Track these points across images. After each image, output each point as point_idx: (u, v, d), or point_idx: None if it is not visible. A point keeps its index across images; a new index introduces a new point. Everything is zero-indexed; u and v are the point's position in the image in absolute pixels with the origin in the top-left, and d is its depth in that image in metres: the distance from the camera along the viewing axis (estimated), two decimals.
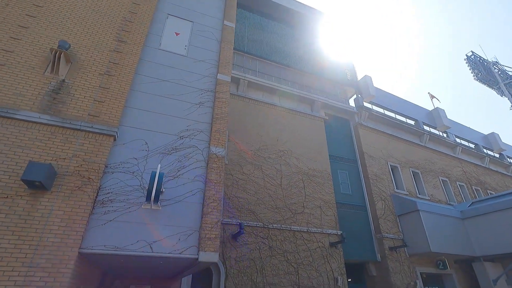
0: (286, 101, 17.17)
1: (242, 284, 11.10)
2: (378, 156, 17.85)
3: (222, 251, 11.40)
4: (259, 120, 15.53)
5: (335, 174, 16.06)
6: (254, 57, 17.50)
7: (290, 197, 13.87)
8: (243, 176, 13.39)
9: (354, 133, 18.46)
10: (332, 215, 14.34)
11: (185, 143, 6.13)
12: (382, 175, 17.12)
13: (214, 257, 5.05)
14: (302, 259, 12.54)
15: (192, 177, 5.77)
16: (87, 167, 5.00)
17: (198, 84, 7.04)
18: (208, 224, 5.29)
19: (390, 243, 14.77)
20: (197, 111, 6.61)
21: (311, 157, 15.66)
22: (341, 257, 13.39)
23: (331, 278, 12.66)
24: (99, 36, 6.48)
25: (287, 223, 13.09)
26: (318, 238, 13.37)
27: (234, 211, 12.42)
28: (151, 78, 6.63)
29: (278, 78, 17.79)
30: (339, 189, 15.66)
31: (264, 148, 14.72)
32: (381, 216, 15.40)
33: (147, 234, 4.98)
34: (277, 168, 14.38)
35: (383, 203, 15.98)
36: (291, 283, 11.84)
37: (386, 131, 19.54)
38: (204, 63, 7.46)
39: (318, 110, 17.64)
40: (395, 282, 13.67)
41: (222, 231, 11.79)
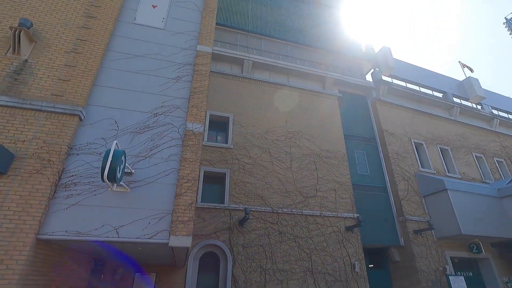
0: (295, 80, 16.18)
1: (251, 270, 10.68)
2: (399, 133, 16.38)
3: (229, 238, 11.02)
4: (266, 101, 14.76)
5: (351, 154, 14.97)
6: (259, 36, 16.59)
7: (301, 180, 13.10)
8: (249, 160, 12.81)
9: (372, 110, 17.08)
10: (348, 198, 13.39)
11: (159, 120, 5.63)
12: (405, 154, 15.70)
13: (187, 242, 4.56)
14: (315, 244, 11.84)
15: (167, 157, 5.29)
16: (48, 149, 4.68)
17: (176, 57, 6.47)
18: (181, 206, 4.80)
19: (414, 226, 13.57)
20: (174, 86, 6.07)
21: (324, 137, 14.67)
22: (359, 242, 12.50)
23: (347, 264, 11.86)
24: (66, 13, 6.10)
25: (298, 208, 12.39)
26: (332, 222, 12.55)
27: (241, 196, 11.93)
28: (124, 54, 6.18)
29: (286, 57, 16.76)
30: (355, 170, 14.59)
31: (272, 131, 13.98)
32: (403, 198, 14.16)
33: (113, 218, 4.59)
34: (286, 151, 13.62)
35: (405, 183, 14.68)
36: (303, 269, 11.23)
37: (409, 105, 17.88)
38: (184, 35, 6.87)
39: (331, 87, 16.45)
40: (420, 267, 12.56)
41: (229, 218, 11.38)
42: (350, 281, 11.57)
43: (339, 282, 11.41)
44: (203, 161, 12.22)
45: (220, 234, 11.01)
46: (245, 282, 10.46)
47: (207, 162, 12.26)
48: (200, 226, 10.94)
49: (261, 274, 10.73)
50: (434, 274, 12.68)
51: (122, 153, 4.28)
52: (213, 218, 11.19)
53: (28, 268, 3.99)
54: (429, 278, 12.45)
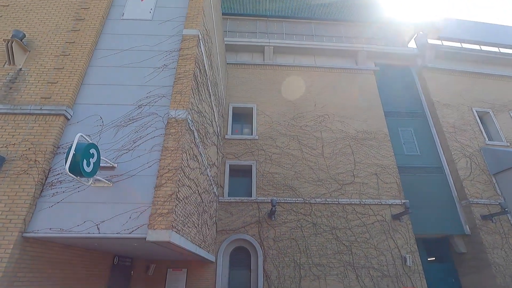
0: (323, 60, 14.89)
1: (284, 265, 10.04)
2: (456, 103, 13.86)
3: (258, 231, 10.55)
4: (292, 87, 13.84)
5: (394, 133, 13.16)
6: (279, 19, 15.70)
7: (336, 166, 11.93)
8: (276, 149, 12.13)
9: (418, 80, 14.81)
10: (394, 182, 11.75)
11: (144, 111, 5.42)
12: (464, 126, 13.21)
13: (165, 236, 4.20)
14: (355, 236, 10.64)
15: (150, 148, 5.03)
16: (35, 150, 4.81)
17: (163, 46, 6.22)
18: (160, 198, 4.47)
19: (483, 211, 11.27)
20: (160, 75, 5.81)
21: (360, 117, 13.17)
22: (409, 232, 10.85)
23: (397, 257, 10.38)
24: (57, 19, 6.33)
25: (333, 196, 11.29)
26: (375, 211, 11.14)
27: (269, 188, 11.35)
28: (112, 51, 6.15)
29: (311, 36, 15.55)
30: (401, 151, 12.77)
31: (300, 116, 13.04)
32: (465, 178, 11.88)
33: (95, 214, 4.49)
34: (317, 136, 12.56)
35: (467, 160, 12.32)
36: (343, 263, 10.16)
37: (467, 69, 15.04)
38: (171, 22, 6.59)
39: (365, 61, 14.72)
40: (494, 260, 10.35)
41: (258, 211, 10.90)
42: (402, 276, 10.10)
43: (387, 278, 10.04)
44: (228, 155, 11.95)
45: (249, 228, 10.60)
46: (278, 277, 9.86)
47: (232, 155, 11.96)
48: (228, 221, 10.69)
49: (295, 269, 10.01)
50: None
51: (90, 146, 4.10)
52: (240, 212, 10.83)
53: (14, 265, 4.09)
54: (507, 273, 10.18)
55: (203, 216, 7.35)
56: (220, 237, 10.42)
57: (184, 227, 5.14)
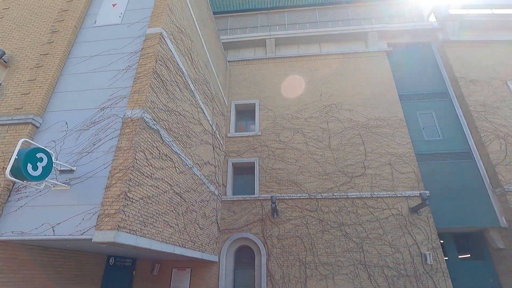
0: (329, 47, 14.06)
1: (288, 265, 9.61)
2: (484, 77, 12.13)
3: (261, 230, 10.23)
4: (296, 78, 13.27)
5: (412, 117, 11.92)
6: (280, 9, 15.17)
7: (344, 158, 11.14)
8: (280, 144, 11.69)
9: (439, 56, 13.25)
10: (412, 172, 10.63)
11: (105, 114, 5.48)
12: (496, 103, 11.49)
13: (109, 236, 4.14)
14: (367, 232, 9.81)
15: (107, 149, 5.05)
16: (4, 158, 5.10)
17: (129, 47, 6.25)
18: (109, 199, 4.44)
19: None
20: (123, 76, 5.84)
21: (372, 103, 12.16)
22: (431, 226, 9.71)
23: (415, 255, 9.35)
24: (35, 35, 6.70)
25: (341, 190, 10.55)
26: (390, 204, 10.17)
27: (272, 184, 10.97)
28: (82, 58, 6.35)
29: (315, 23, 14.77)
30: (420, 137, 11.51)
31: (304, 108, 12.43)
32: (499, 162, 10.31)
33: (53, 217, 4.62)
34: (323, 127, 11.85)
35: (501, 142, 10.68)
36: (353, 262, 9.42)
37: (500, 38, 13.10)
38: (139, 24, 6.61)
39: (375, 43, 13.58)
40: None
41: (261, 209, 10.59)
42: (422, 276, 9.06)
43: (404, 278, 9.08)
44: (231, 153, 11.80)
45: (252, 227, 10.34)
46: (282, 277, 9.46)
47: (234, 153, 11.79)
48: (231, 219, 10.53)
49: (301, 268, 9.52)
50: None
51: (36, 150, 4.22)
52: (243, 211, 10.61)
53: None
54: None
55: (189, 216, 7.27)
56: (223, 236, 10.30)
57: (145, 227, 5.07)
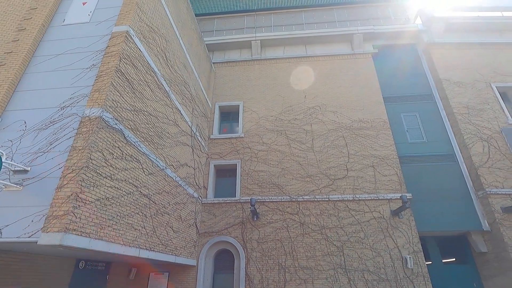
0: (315, 48, 14.00)
1: (267, 268, 9.42)
2: (469, 79, 12.08)
3: (241, 233, 10.06)
4: (281, 80, 13.19)
5: (396, 119, 11.83)
6: (267, 11, 15.15)
7: (327, 160, 11.01)
8: (263, 146, 11.56)
9: (424, 58, 13.22)
10: (394, 174, 10.51)
11: (65, 113, 5.34)
12: (481, 105, 11.42)
13: (55, 239, 3.98)
14: (348, 235, 9.65)
15: (64, 149, 4.91)
16: None
17: (96, 46, 6.14)
18: (59, 200, 4.29)
19: (504, 202, 9.56)
20: (87, 75, 5.72)
21: (356, 106, 12.08)
22: (413, 229, 9.57)
23: (396, 258, 9.19)
24: (2, 33, 6.58)
25: (323, 193, 10.41)
26: (371, 207, 10.03)
27: (254, 187, 10.82)
28: (47, 57, 6.24)
29: (301, 25, 14.73)
30: (404, 139, 11.41)
31: (288, 110, 12.33)
32: (482, 165, 10.21)
33: (2, 219, 4.45)
34: (307, 129, 11.74)
35: (484, 144, 10.59)
36: (333, 266, 9.25)
37: (485, 40, 13.08)
38: (108, 22, 6.51)
39: (361, 45, 13.53)
40: None
41: (241, 211, 10.42)
42: (402, 280, 8.90)
43: (385, 282, 8.91)
44: (213, 155, 11.66)
45: (232, 230, 10.16)
46: (261, 281, 9.27)
47: (217, 155, 11.65)
48: (211, 222, 10.36)
49: (280, 272, 9.33)
50: None
51: None
52: (224, 213, 10.45)
53: None
54: None
55: (160, 218, 7.11)
56: (202, 240, 10.12)
57: (102, 229, 4.91)
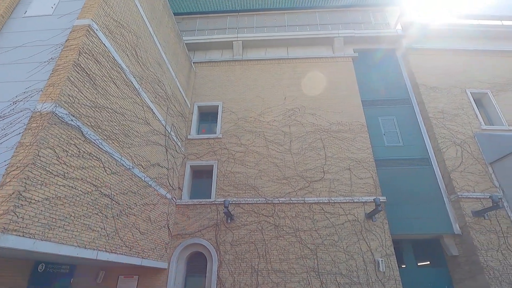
0: (296, 51, 14.01)
1: (240, 272, 9.26)
2: (446, 85, 12.29)
3: (215, 235, 9.87)
4: (261, 81, 13.12)
5: (374, 123, 11.90)
6: (249, 13, 15.10)
7: (304, 162, 10.97)
8: (241, 148, 11.43)
9: (403, 63, 13.39)
10: (370, 177, 10.54)
11: (17, 108, 5.10)
12: (456, 110, 11.62)
13: None
14: (323, 238, 9.59)
15: (12, 145, 4.67)
16: None
17: (56, 39, 5.92)
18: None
19: (475, 206, 9.69)
20: (44, 69, 5.49)
21: (335, 108, 12.10)
22: (386, 232, 9.59)
23: (369, 262, 9.17)
24: None
25: (299, 195, 10.34)
26: (346, 210, 10.01)
27: (230, 188, 10.66)
28: (5, 49, 5.98)
29: (283, 27, 14.73)
30: (381, 142, 11.48)
31: (268, 111, 12.26)
32: (455, 169, 10.35)
33: None
34: (285, 131, 11.68)
35: (458, 149, 10.75)
36: (306, 269, 9.16)
37: (462, 47, 13.35)
38: (71, 15, 6.30)
39: (342, 48, 13.61)
40: (488, 263, 8.77)
41: (216, 213, 10.24)
42: (374, 284, 8.87)
43: (357, 285, 8.87)
44: (190, 156, 11.46)
45: (205, 232, 9.96)
46: (233, 285, 9.09)
47: (193, 156, 11.45)
48: (185, 224, 10.14)
49: (252, 275, 9.18)
50: None
51: None
52: (198, 215, 10.24)
53: None
54: (504, 279, 8.55)
55: (124, 220, 6.88)
56: (175, 242, 9.88)
57: (51, 230, 4.67)
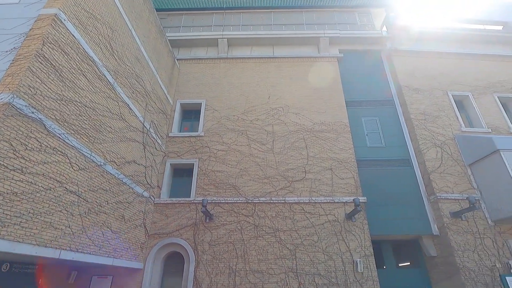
0: (282, 50, 13.93)
1: (218, 272, 9.08)
2: (428, 87, 12.39)
3: (193, 235, 9.68)
4: (245, 79, 12.99)
5: (357, 123, 11.90)
6: (236, 10, 14.96)
7: (286, 162, 10.87)
8: (223, 146, 11.26)
9: (387, 64, 13.45)
10: (351, 178, 10.51)
11: None
12: (437, 112, 11.71)
13: None
14: (302, 238, 9.50)
15: None
16: None
17: (20, 28, 5.67)
18: None
19: (453, 207, 9.76)
20: (6, 58, 5.23)
21: (319, 108, 12.05)
22: (365, 233, 9.56)
23: (348, 262, 9.12)
24: None
25: (280, 195, 10.23)
26: (327, 210, 9.95)
27: (210, 187, 10.48)
28: None
29: (269, 26, 14.64)
30: (364, 143, 11.48)
31: (251, 110, 12.13)
32: (434, 170, 10.40)
33: None
34: (268, 130, 11.57)
35: (438, 150, 10.82)
36: (285, 269, 9.05)
37: (445, 50, 13.49)
38: (38, 4, 6.05)
39: (327, 48, 13.60)
40: (464, 264, 8.82)
41: (195, 212, 10.05)
42: (352, 284, 8.82)
43: (335, 286, 8.80)
44: (170, 154, 11.23)
45: (184, 232, 9.76)
46: (210, 285, 8.91)
47: (174, 154, 11.23)
48: (163, 223, 9.91)
49: (230, 276, 9.02)
50: (490, 274, 8.74)
51: None
52: (177, 214, 10.03)
53: None
54: (479, 280, 8.61)
55: (93, 218, 6.64)
56: (152, 241, 9.65)
57: (4, 227, 4.43)
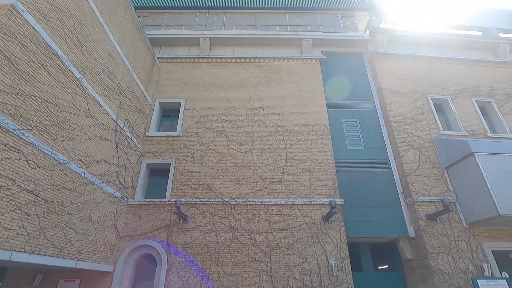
0: (265, 50, 13.85)
1: (190, 275, 8.85)
2: (408, 90, 12.45)
3: (167, 237, 9.44)
4: (227, 79, 12.85)
5: (337, 125, 11.86)
6: (219, 10, 14.85)
7: (264, 163, 10.74)
8: (201, 146, 11.07)
9: (369, 67, 13.50)
10: (329, 180, 10.43)
11: None
12: (416, 115, 11.76)
13: None
14: (278, 240, 9.36)
15: None
16: None
17: None
18: None
19: (429, 209, 9.76)
20: None
21: (299, 109, 11.98)
22: (342, 235, 9.47)
23: (323, 265, 9.00)
24: None
25: (257, 196, 10.08)
26: (304, 212, 9.83)
27: (186, 188, 10.27)
28: None
29: (252, 26, 14.56)
30: (343, 144, 11.44)
31: (231, 110, 11.98)
32: (411, 172, 10.41)
33: None
34: (247, 131, 11.43)
35: (416, 153, 10.84)
36: (259, 272, 8.88)
37: (426, 53, 13.62)
38: None
39: (310, 50, 13.58)
40: (438, 267, 8.80)
41: (170, 214, 9.81)
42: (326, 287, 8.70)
43: None
44: (147, 153, 10.98)
45: (157, 233, 9.51)
46: None
47: (151, 154, 10.98)
48: (135, 225, 9.64)
49: (202, 279, 8.79)
50: (464, 277, 8.74)
51: None
52: (151, 216, 9.77)
53: None
54: (452, 283, 8.60)
55: (54, 218, 6.37)
56: (123, 243, 9.36)
57: None
